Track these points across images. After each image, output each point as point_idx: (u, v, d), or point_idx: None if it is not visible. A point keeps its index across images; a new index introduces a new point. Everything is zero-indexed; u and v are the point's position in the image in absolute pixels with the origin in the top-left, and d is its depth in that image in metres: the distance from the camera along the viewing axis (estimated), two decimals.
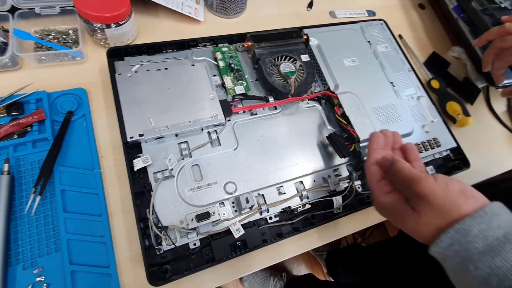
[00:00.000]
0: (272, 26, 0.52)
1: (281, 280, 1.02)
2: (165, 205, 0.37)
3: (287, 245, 0.42)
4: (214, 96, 0.44)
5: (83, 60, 0.46)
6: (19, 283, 0.33)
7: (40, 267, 0.34)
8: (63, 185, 0.37)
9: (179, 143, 0.41)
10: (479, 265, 0.21)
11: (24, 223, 0.35)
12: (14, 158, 0.38)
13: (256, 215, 0.40)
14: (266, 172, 0.42)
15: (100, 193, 0.38)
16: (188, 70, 0.45)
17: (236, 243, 0.38)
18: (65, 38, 0.46)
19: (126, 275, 0.36)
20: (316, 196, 0.43)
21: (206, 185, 0.40)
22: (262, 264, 0.40)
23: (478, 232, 0.22)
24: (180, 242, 0.37)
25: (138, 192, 0.37)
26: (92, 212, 0.37)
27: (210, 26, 0.55)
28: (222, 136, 0.43)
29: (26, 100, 0.40)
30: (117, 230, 0.37)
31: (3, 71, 0.43)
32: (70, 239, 0.35)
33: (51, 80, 0.43)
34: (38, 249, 0.35)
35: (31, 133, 0.39)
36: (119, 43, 0.47)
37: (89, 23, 0.43)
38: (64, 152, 0.39)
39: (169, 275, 0.35)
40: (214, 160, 0.41)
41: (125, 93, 0.41)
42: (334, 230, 0.44)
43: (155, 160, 0.39)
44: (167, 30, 0.52)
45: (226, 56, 0.48)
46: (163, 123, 0.40)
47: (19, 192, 0.37)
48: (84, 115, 0.42)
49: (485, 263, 0.21)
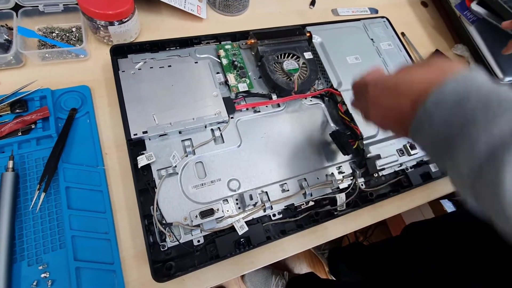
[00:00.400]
0: (275, 23, 0.52)
1: (283, 279, 1.02)
2: (169, 202, 0.37)
3: (291, 242, 0.42)
4: (217, 94, 0.44)
5: (86, 57, 0.46)
6: (24, 280, 0.33)
7: (45, 264, 0.34)
8: (67, 182, 0.37)
9: (182, 140, 0.41)
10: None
11: (29, 219, 0.36)
12: (19, 155, 0.38)
13: (259, 212, 0.40)
14: (270, 169, 0.42)
15: (104, 190, 0.38)
16: (191, 67, 0.45)
17: (240, 240, 0.38)
18: (69, 36, 0.46)
19: (130, 271, 0.36)
20: (320, 193, 0.43)
21: (209, 182, 0.40)
22: (266, 261, 0.40)
23: (451, 90, 0.21)
24: (184, 238, 0.37)
25: (142, 189, 0.37)
26: (97, 209, 0.37)
27: (213, 24, 0.55)
28: (225, 133, 0.43)
29: (30, 97, 0.40)
30: (121, 227, 0.38)
31: (7, 68, 0.43)
32: (75, 236, 0.35)
33: (55, 78, 0.43)
34: (43, 245, 0.35)
35: (35, 130, 0.39)
36: (122, 40, 0.47)
37: (92, 21, 0.43)
38: (68, 149, 0.40)
39: (174, 271, 0.35)
40: (218, 157, 0.42)
41: (129, 91, 0.41)
42: (338, 228, 0.44)
43: (159, 157, 0.39)
44: (170, 28, 0.52)
45: (229, 54, 0.48)
46: (167, 120, 0.40)
47: (23, 189, 0.37)
48: (87, 112, 0.42)
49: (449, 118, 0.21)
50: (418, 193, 0.49)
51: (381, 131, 0.46)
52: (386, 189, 0.47)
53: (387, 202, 0.46)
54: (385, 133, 0.46)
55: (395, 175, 0.47)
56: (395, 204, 0.47)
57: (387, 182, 0.46)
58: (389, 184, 0.47)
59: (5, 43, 0.43)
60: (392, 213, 0.47)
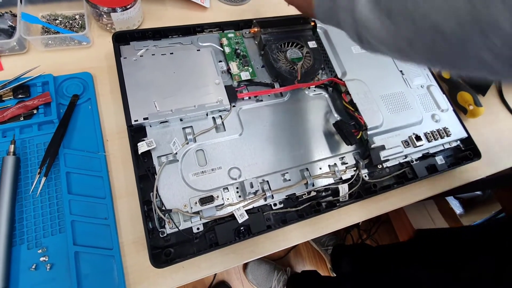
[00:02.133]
0: (278, 12, 0.51)
1: (284, 274, 1.01)
2: (169, 189, 0.37)
3: (292, 232, 0.41)
4: (219, 82, 0.43)
5: (89, 44, 0.46)
6: (23, 263, 0.33)
7: (44, 247, 0.34)
8: (68, 167, 0.37)
9: (183, 128, 0.41)
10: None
11: (29, 203, 0.36)
12: (20, 140, 0.38)
13: (260, 201, 0.39)
14: (271, 159, 0.42)
15: (104, 176, 0.38)
16: (193, 55, 0.45)
17: (240, 228, 0.37)
18: (72, 23, 0.46)
19: (129, 257, 0.36)
20: (322, 183, 0.42)
21: (210, 170, 0.39)
22: (266, 251, 0.39)
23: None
24: (184, 226, 0.36)
25: (142, 175, 0.37)
26: (97, 195, 0.37)
27: (216, 13, 0.55)
28: (227, 121, 0.43)
29: (33, 83, 0.40)
30: (121, 213, 0.37)
31: (10, 54, 0.43)
32: (74, 221, 0.35)
33: (58, 64, 0.43)
34: (42, 229, 0.35)
35: (37, 115, 0.39)
36: (124, 28, 0.47)
37: (95, 7, 0.43)
38: (70, 135, 0.39)
39: (172, 258, 0.35)
40: (219, 146, 0.41)
41: (130, 77, 0.41)
42: (340, 219, 0.43)
43: (160, 144, 0.39)
44: (173, 16, 0.52)
45: (232, 42, 0.48)
46: (168, 107, 0.40)
47: (24, 173, 0.37)
48: (89, 99, 0.42)
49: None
50: (423, 186, 0.48)
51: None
52: (390, 181, 0.46)
53: (391, 194, 0.45)
54: (390, 123, 0.45)
55: (399, 167, 0.46)
56: (399, 196, 0.46)
57: (391, 174, 0.45)
58: (393, 176, 0.46)
59: (9, 29, 0.43)
60: (396, 205, 0.46)
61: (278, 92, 0.46)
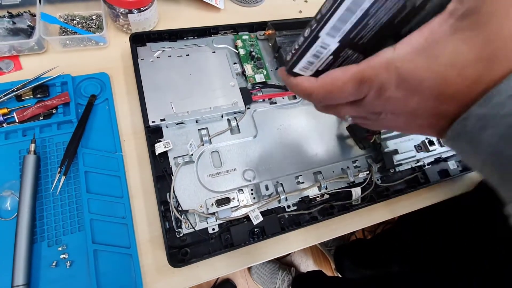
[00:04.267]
0: (293, 14, 0.52)
1: (289, 274, 1.02)
2: (185, 190, 0.38)
3: (304, 234, 0.41)
4: (234, 84, 0.44)
5: (106, 45, 0.46)
6: (44, 260, 0.34)
7: (64, 245, 0.35)
8: (86, 166, 0.38)
9: (199, 129, 0.41)
10: None
11: (49, 202, 0.36)
12: (40, 138, 0.39)
13: (274, 203, 0.40)
14: (285, 161, 0.42)
15: (122, 176, 0.39)
16: (209, 57, 0.45)
17: (255, 229, 0.38)
18: (89, 24, 0.47)
19: (146, 256, 0.36)
20: (335, 186, 0.43)
21: (225, 172, 0.40)
22: (279, 252, 0.40)
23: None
24: (200, 226, 0.37)
25: (159, 175, 0.38)
26: (114, 194, 0.38)
27: (230, 14, 0.55)
28: (241, 123, 0.43)
29: (52, 83, 0.41)
30: (138, 212, 0.38)
31: (30, 54, 0.43)
32: (93, 219, 0.36)
33: (75, 64, 0.44)
34: (62, 227, 0.36)
35: (56, 115, 0.40)
36: (141, 29, 0.47)
37: (113, 8, 0.44)
38: (87, 135, 0.40)
39: (189, 257, 0.36)
40: (234, 147, 0.42)
41: (148, 78, 0.41)
42: (352, 222, 0.43)
43: (176, 145, 0.40)
44: (188, 17, 0.52)
45: (246, 44, 0.48)
46: (184, 108, 0.41)
47: (44, 172, 0.37)
48: (106, 99, 0.43)
49: None
50: (435, 191, 0.48)
51: None
52: (402, 185, 0.46)
53: (402, 198, 0.45)
54: None
55: (411, 171, 0.47)
56: (411, 200, 0.47)
57: (404, 178, 0.46)
58: (405, 180, 0.46)
59: (28, 29, 0.44)
60: (407, 209, 0.46)
61: (291, 95, 0.46)
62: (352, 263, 0.95)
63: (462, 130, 0.17)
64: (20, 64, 0.43)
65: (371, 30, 0.17)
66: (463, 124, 0.16)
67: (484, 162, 0.17)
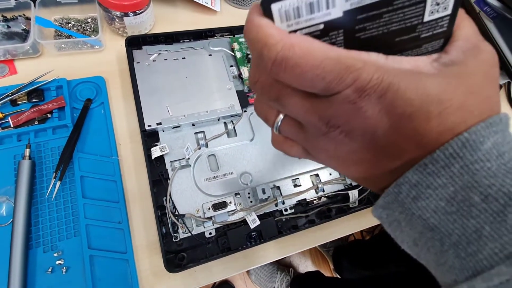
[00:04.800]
0: None
1: (288, 275, 1.02)
2: (181, 194, 0.38)
3: (302, 237, 0.41)
4: (231, 87, 0.44)
5: (101, 48, 0.46)
6: (39, 266, 0.34)
7: (59, 251, 0.35)
8: (82, 171, 0.38)
9: (195, 133, 0.41)
10: (491, 192, 0.13)
11: (45, 207, 0.36)
12: (35, 143, 0.38)
13: (271, 206, 0.40)
14: (282, 164, 0.42)
15: (118, 180, 0.39)
16: (205, 60, 0.45)
17: (252, 233, 0.38)
18: (84, 27, 0.47)
19: (142, 261, 0.36)
20: (332, 189, 0.43)
21: (222, 175, 0.40)
22: (276, 256, 0.40)
23: (492, 146, 0.14)
24: (196, 230, 0.37)
25: (155, 180, 0.38)
26: (110, 199, 0.38)
27: (227, 17, 0.55)
28: (238, 127, 0.43)
29: (47, 87, 0.41)
30: (134, 217, 0.38)
31: (24, 58, 0.43)
32: (89, 225, 0.36)
33: (71, 68, 0.44)
34: (58, 233, 0.35)
35: (51, 119, 0.40)
36: (136, 32, 0.47)
37: (108, 11, 0.44)
38: (83, 139, 0.40)
39: (185, 262, 0.35)
40: (231, 151, 0.41)
41: (143, 82, 0.41)
42: (349, 224, 0.43)
43: (172, 149, 0.39)
44: (184, 20, 0.52)
45: (243, 47, 0.48)
46: (181, 112, 0.40)
47: (39, 177, 0.37)
48: (102, 103, 0.42)
49: (501, 188, 0.13)
50: None
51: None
52: None
53: None
54: None
55: None
56: None
57: None
58: None
59: (22, 32, 0.43)
60: None
61: None
62: (350, 263, 0.95)
63: (393, 198, 0.15)
64: (15, 68, 0.43)
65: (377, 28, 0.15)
66: (397, 191, 0.15)
67: (415, 239, 0.16)
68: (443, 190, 0.14)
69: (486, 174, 0.13)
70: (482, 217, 0.13)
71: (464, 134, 0.13)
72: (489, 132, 0.14)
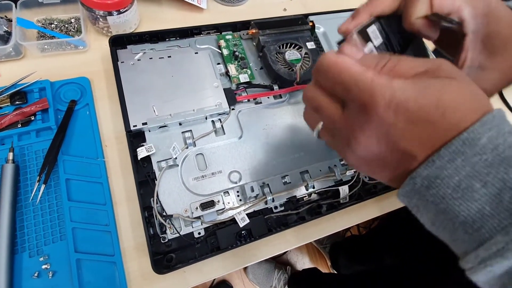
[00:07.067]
0: (277, 13, 0.51)
1: (285, 273, 1.02)
2: (169, 194, 0.37)
3: (293, 234, 0.41)
4: (218, 85, 0.43)
5: (85, 49, 0.45)
6: (25, 271, 0.33)
7: (45, 255, 0.34)
8: (67, 174, 0.37)
9: (183, 132, 0.41)
10: (489, 179, 0.16)
11: (30, 211, 0.35)
12: (19, 147, 0.38)
13: (261, 204, 0.39)
14: (271, 161, 0.42)
15: (104, 182, 0.38)
16: (191, 58, 0.44)
17: (241, 232, 0.38)
18: (67, 27, 0.46)
19: (131, 263, 0.36)
20: (322, 185, 0.42)
21: (210, 174, 0.39)
22: (268, 254, 0.40)
23: (488, 141, 0.16)
24: (185, 231, 0.36)
25: (142, 181, 0.37)
26: (97, 201, 0.37)
27: (214, 14, 0.54)
28: (226, 125, 0.42)
29: (30, 89, 0.40)
30: (122, 219, 0.37)
31: (6, 60, 0.42)
32: (75, 228, 0.35)
33: (54, 69, 0.43)
34: (43, 237, 0.35)
35: (34, 122, 0.39)
36: (121, 31, 0.47)
37: (91, 11, 0.43)
38: (68, 141, 0.39)
39: (174, 263, 0.35)
40: (219, 149, 0.41)
41: (128, 82, 0.40)
42: (340, 220, 0.43)
43: (159, 149, 0.39)
44: (170, 18, 0.52)
45: (230, 44, 0.47)
46: (167, 111, 0.40)
47: (24, 181, 0.37)
48: (87, 104, 0.42)
49: (497, 175, 0.16)
50: None
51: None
52: None
53: (392, 194, 0.45)
54: None
55: None
56: None
57: None
58: None
59: (4, 34, 0.42)
60: (396, 205, 0.46)
61: (277, 94, 0.46)
62: (347, 259, 0.96)
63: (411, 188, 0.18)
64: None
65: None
66: (413, 182, 0.18)
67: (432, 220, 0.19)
68: (450, 180, 0.17)
69: (484, 164, 0.16)
70: (483, 200, 0.16)
71: (464, 134, 0.17)
72: (484, 129, 0.17)
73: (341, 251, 0.99)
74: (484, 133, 0.16)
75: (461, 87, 0.18)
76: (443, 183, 0.17)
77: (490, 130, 0.17)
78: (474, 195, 0.16)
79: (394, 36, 0.26)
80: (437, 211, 0.18)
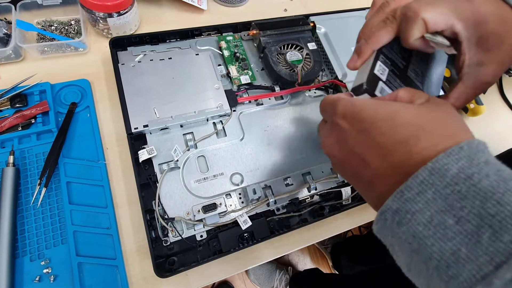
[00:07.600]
0: (277, 14, 0.51)
1: (286, 274, 1.02)
2: (171, 197, 0.37)
3: (295, 236, 0.41)
4: (219, 86, 0.43)
5: (85, 51, 0.45)
6: (26, 275, 0.33)
7: (47, 259, 0.34)
8: (68, 177, 0.37)
9: (184, 134, 0.40)
10: (463, 214, 0.14)
11: (30, 215, 0.35)
12: (19, 150, 0.37)
13: (263, 206, 0.39)
14: (273, 163, 0.42)
15: (105, 185, 0.38)
16: (192, 59, 0.44)
17: (244, 234, 0.37)
18: (67, 29, 0.46)
19: (132, 266, 0.35)
20: (324, 187, 0.42)
21: (212, 177, 0.39)
22: (270, 256, 0.39)
23: (458, 171, 0.15)
24: (187, 234, 0.36)
25: (143, 183, 0.37)
26: (98, 204, 0.37)
27: (214, 15, 0.54)
28: (227, 126, 0.42)
29: (30, 92, 0.40)
30: (123, 222, 0.37)
31: (6, 63, 0.42)
32: (77, 231, 0.35)
33: (54, 72, 0.43)
34: (44, 241, 0.35)
35: (35, 125, 0.39)
36: (121, 33, 0.46)
37: (91, 13, 0.43)
38: (69, 144, 0.39)
39: (176, 266, 0.35)
40: (220, 151, 0.41)
41: (129, 84, 0.40)
42: (343, 222, 0.43)
43: (160, 151, 0.39)
44: (170, 20, 0.51)
45: (231, 45, 0.47)
46: (168, 113, 0.40)
47: (24, 184, 0.36)
48: (88, 106, 0.41)
49: (472, 210, 0.14)
50: None
51: None
52: None
53: None
54: None
55: None
56: None
57: None
58: None
59: (4, 37, 0.42)
60: None
61: (278, 95, 0.46)
62: (348, 260, 0.95)
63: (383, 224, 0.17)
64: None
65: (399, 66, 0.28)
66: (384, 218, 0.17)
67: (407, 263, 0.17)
68: (420, 215, 0.15)
69: (457, 197, 0.15)
70: (457, 239, 0.14)
71: (429, 164, 0.16)
72: (451, 159, 0.16)
73: (343, 252, 0.98)
74: (453, 163, 0.15)
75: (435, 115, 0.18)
76: (414, 218, 0.15)
77: (460, 160, 0.15)
78: (448, 233, 0.14)
79: (397, 56, 0.28)
80: (411, 251, 0.16)
